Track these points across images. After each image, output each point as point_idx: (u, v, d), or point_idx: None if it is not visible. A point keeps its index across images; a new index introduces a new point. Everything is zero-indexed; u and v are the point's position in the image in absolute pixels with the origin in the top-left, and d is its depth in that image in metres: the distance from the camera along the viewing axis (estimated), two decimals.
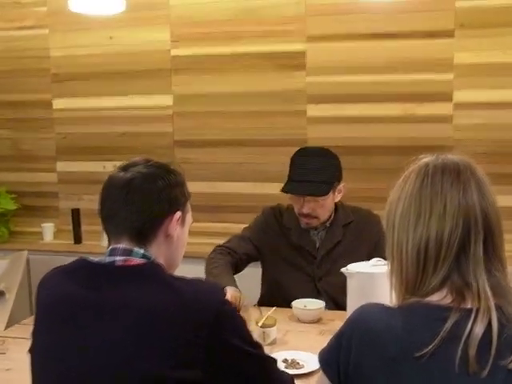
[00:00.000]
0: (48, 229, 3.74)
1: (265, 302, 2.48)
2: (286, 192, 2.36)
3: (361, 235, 2.43)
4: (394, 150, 3.26)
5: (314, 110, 3.38)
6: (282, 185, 3.45)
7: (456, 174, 1.11)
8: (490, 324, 1.01)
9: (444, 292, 1.09)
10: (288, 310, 2.26)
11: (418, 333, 1.04)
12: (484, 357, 0.99)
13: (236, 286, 2.20)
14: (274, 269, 2.49)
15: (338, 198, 2.41)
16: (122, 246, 1.28)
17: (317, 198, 2.32)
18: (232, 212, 3.59)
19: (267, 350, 1.87)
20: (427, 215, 1.09)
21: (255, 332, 1.97)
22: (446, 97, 3.18)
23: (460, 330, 1.01)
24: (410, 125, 3.25)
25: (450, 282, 1.08)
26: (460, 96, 3.16)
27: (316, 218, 2.37)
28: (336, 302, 2.35)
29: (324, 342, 1.95)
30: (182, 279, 1.25)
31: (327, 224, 2.43)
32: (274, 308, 2.11)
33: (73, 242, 3.65)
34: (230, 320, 1.24)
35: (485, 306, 1.03)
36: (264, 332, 1.95)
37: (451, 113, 3.19)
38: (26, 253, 3.10)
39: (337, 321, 2.18)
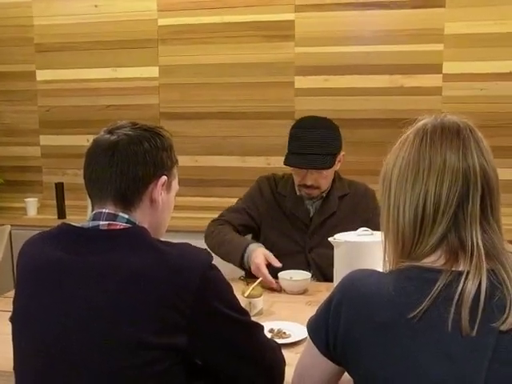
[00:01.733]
0: (31, 203, 3.69)
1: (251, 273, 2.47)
2: (290, 165, 2.29)
3: (355, 208, 2.39)
4: (381, 123, 3.23)
5: (302, 82, 3.33)
6: (269, 158, 3.45)
7: (456, 132, 1.09)
8: (479, 287, 1.00)
9: (438, 254, 1.07)
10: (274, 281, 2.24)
11: (409, 295, 1.02)
12: (476, 319, 0.98)
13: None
14: (266, 238, 2.44)
15: (338, 166, 2.38)
16: (106, 210, 1.25)
17: (321, 170, 2.28)
18: (218, 186, 3.56)
19: None
20: (425, 172, 1.07)
21: (241, 303, 1.94)
22: (436, 68, 3.15)
23: (451, 291, 1.00)
24: (398, 97, 3.23)
25: (446, 242, 1.06)
26: (450, 67, 3.14)
27: (318, 188, 2.34)
28: (324, 274, 2.32)
29: (310, 312, 1.92)
30: (167, 243, 1.22)
31: (323, 194, 2.40)
32: (260, 279, 2.09)
33: (57, 217, 3.59)
34: (216, 285, 1.21)
35: (476, 267, 1.01)
36: (250, 302, 1.92)
37: (440, 84, 3.16)
38: (8, 227, 3.05)
39: (324, 292, 2.16)
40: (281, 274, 2.18)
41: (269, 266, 2.16)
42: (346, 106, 3.28)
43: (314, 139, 2.24)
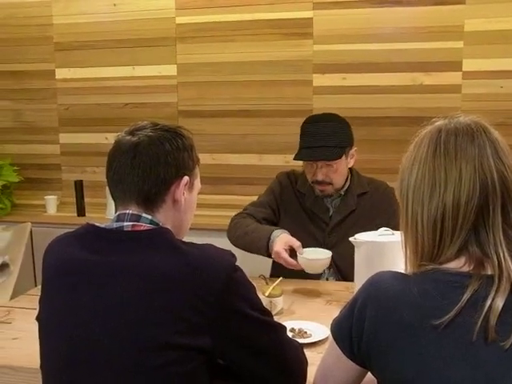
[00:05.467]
0: (51, 201, 3.72)
1: (275, 268, 2.47)
2: (298, 159, 2.31)
3: (376, 207, 2.37)
4: (401, 121, 3.22)
5: (320, 80, 3.33)
6: (287, 156, 3.44)
7: (470, 138, 1.06)
8: (511, 292, 0.99)
9: (462, 260, 1.06)
10: (294, 280, 2.24)
11: (436, 299, 1.01)
12: (505, 325, 0.97)
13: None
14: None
15: (351, 163, 2.37)
16: (129, 211, 1.26)
17: (330, 163, 2.28)
18: (236, 184, 3.57)
19: None
20: (442, 185, 1.05)
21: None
22: (456, 66, 3.13)
23: (480, 297, 0.99)
24: (417, 95, 3.21)
25: (467, 252, 1.05)
26: (470, 65, 3.11)
27: (330, 184, 2.34)
28: (342, 272, 2.32)
29: (330, 311, 1.95)
30: (191, 244, 1.23)
31: (342, 192, 2.40)
32: (280, 278, 2.09)
33: (76, 215, 3.62)
34: (240, 286, 1.21)
35: (506, 274, 1.00)
36: (271, 302, 1.93)
37: (460, 82, 3.13)
38: (29, 224, 3.06)
39: (343, 291, 2.16)
40: (300, 255, 2.14)
41: (292, 250, 2.14)
42: (364, 104, 3.26)
43: (321, 132, 2.25)
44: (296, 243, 2.14)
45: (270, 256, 2.23)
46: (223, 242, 2.48)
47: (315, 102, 3.34)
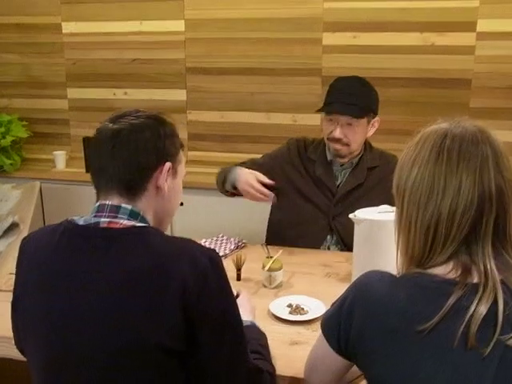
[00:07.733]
0: (60, 156, 3.73)
1: (271, 237, 2.48)
2: (322, 111, 2.32)
3: (384, 182, 2.14)
4: (411, 82, 3.16)
5: (330, 39, 3.25)
6: (295, 115, 3.41)
7: (475, 147, 1.05)
8: (494, 302, 1.00)
9: (450, 266, 1.06)
10: (294, 249, 2.27)
11: (421, 305, 1.03)
12: (485, 333, 0.99)
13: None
14: (287, 200, 2.42)
15: (370, 132, 2.36)
16: (109, 202, 1.25)
17: (351, 121, 2.26)
18: (243, 142, 3.55)
19: (273, 294, 1.90)
20: (440, 192, 1.05)
21: (262, 275, 1.97)
22: (470, 26, 3.03)
23: (464, 305, 1.00)
24: (429, 56, 3.12)
25: (456, 259, 1.06)
26: (484, 25, 3.01)
27: (347, 145, 2.30)
28: (346, 243, 2.32)
29: (329, 285, 1.98)
30: (169, 241, 1.21)
31: (353, 162, 2.38)
32: (280, 251, 2.10)
33: (85, 171, 3.63)
34: (216, 289, 1.18)
35: (491, 284, 1.01)
36: (270, 275, 1.96)
37: (474, 43, 3.04)
38: (38, 183, 3.09)
39: (343, 262, 2.17)
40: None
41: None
42: (374, 64, 3.18)
43: (349, 90, 2.27)
44: (268, 180, 2.19)
45: (226, 191, 2.33)
46: (231, 201, 2.50)
47: (324, 60, 3.27)
